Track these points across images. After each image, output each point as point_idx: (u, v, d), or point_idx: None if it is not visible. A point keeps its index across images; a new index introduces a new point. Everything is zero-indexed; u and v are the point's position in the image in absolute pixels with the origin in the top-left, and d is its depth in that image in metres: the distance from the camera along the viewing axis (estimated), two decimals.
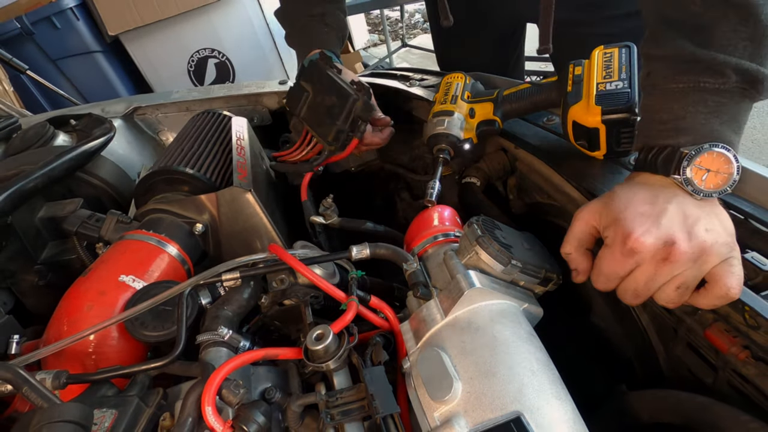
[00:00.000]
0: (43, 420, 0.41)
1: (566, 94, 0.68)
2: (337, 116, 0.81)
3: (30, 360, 0.56)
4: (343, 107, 0.81)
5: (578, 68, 0.70)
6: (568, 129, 0.69)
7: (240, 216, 0.78)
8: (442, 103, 0.77)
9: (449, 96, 0.77)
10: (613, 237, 0.50)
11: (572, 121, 0.67)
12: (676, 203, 0.48)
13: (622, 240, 0.48)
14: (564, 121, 0.69)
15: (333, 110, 0.82)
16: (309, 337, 0.52)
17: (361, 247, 0.65)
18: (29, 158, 0.90)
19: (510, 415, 0.42)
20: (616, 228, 0.49)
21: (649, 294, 0.49)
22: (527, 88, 0.76)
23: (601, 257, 0.52)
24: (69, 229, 0.80)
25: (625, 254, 0.48)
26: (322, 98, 0.84)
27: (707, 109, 0.51)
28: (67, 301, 0.65)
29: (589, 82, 0.67)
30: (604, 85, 0.65)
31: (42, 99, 2.45)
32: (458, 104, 0.76)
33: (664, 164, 0.52)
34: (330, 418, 0.48)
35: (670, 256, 0.46)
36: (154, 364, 0.54)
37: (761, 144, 2.42)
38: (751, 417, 0.46)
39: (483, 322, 0.51)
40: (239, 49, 2.44)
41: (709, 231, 0.46)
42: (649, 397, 0.57)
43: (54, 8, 2.25)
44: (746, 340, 0.48)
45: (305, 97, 0.86)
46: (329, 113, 0.83)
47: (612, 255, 0.50)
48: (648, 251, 0.47)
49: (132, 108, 1.24)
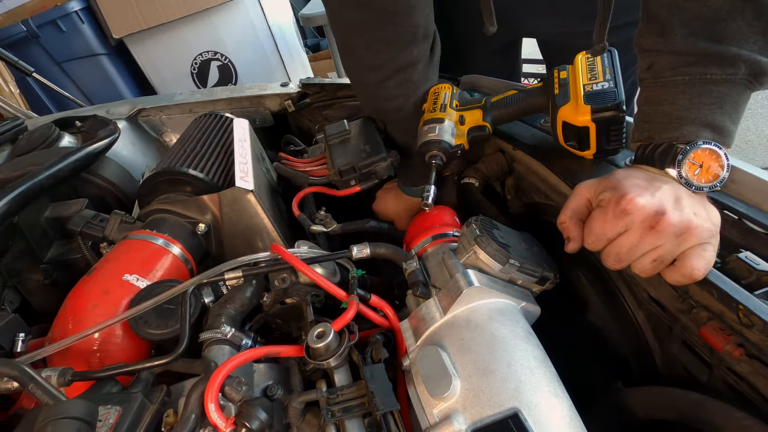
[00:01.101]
0: (48, 416, 0.41)
1: (554, 97, 0.69)
2: (359, 159, 0.85)
3: (36, 357, 0.56)
4: (370, 156, 0.84)
5: (563, 72, 0.71)
6: (557, 130, 0.69)
7: (242, 216, 0.78)
8: (431, 111, 0.77)
9: (438, 105, 0.77)
10: (609, 199, 0.51)
11: (562, 121, 0.67)
12: (671, 186, 0.50)
13: (616, 200, 0.50)
14: (553, 123, 0.69)
15: (360, 154, 0.86)
16: (310, 335, 0.52)
17: (362, 247, 0.66)
18: (35, 159, 0.90)
19: (508, 412, 0.42)
20: (613, 192, 0.51)
21: (630, 261, 0.51)
22: (514, 94, 0.77)
23: (594, 217, 0.53)
24: (74, 229, 0.80)
25: (617, 215, 0.50)
26: (358, 142, 0.88)
27: (711, 100, 0.52)
28: (72, 299, 0.65)
29: (576, 83, 0.68)
30: (591, 86, 0.66)
31: (47, 101, 2.45)
32: (447, 112, 0.76)
33: (660, 158, 0.53)
34: (331, 414, 0.48)
35: (657, 224, 0.48)
36: (158, 362, 0.54)
37: (755, 145, 2.42)
38: (744, 414, 0.46)
39: (481, 321, 0.51)
40: (242, 52, 2.43)
41: (696, 215, 0.48)
42: (644, 394, 0.57)
43: (59, 12, 2.24)
44: (740, 338, 0.47)
45: (344, 133, 0.90)
46: (355, 153, 0.86)
47: (604, 215, 0.51)
48: (639, 214, 0.48)
49: (136, 110, 1.24)
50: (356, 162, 0.84)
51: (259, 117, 1.22)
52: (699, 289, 0.51)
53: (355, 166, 0.84)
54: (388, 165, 0.85)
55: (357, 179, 0.86)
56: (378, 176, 0.86)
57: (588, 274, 0.71)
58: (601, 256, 0.54)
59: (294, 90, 1.21)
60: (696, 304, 0.52)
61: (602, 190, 0.53)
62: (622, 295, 0.65)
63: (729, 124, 0.52)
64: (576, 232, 0.56)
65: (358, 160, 0.84)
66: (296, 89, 1.21)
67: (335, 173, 0.85)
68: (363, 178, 0.86)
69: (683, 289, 0.53)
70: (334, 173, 0.86)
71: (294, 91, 1.20)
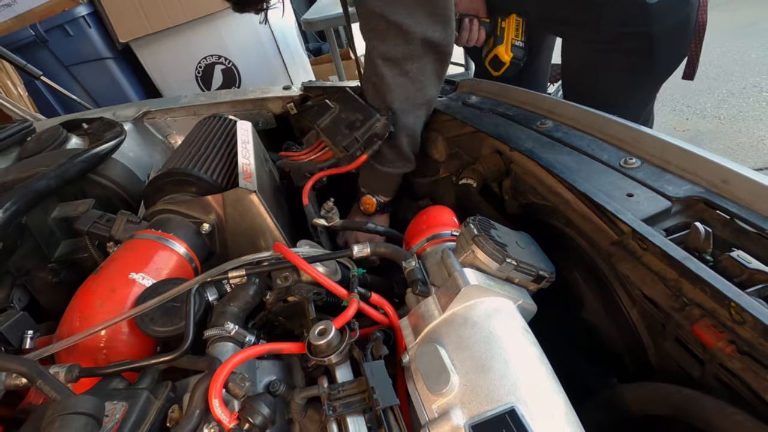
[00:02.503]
0: (56, 412, 0.41)
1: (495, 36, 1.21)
2: (357, 129, 0.85)
3: (44, 354, 0.56)
4: (365, 122, 0.85)
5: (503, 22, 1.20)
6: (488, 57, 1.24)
7: (245, 216, 0.78)
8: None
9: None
10: None
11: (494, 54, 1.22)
12: None
13: None
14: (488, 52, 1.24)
15: (355, 124, 0.86)
16: (312, 332, 0.52)
17: (362, 246, 0.65)
18: (43, 160, 0.90)
19: (505, 407, 0.42)
20: None
21: None
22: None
23: None
24: (81, 229, 0.80)
25: None
26: (347, 114, 0.89)
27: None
28: (79, 297, 0.65)
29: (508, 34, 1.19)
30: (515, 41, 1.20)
31: (55, 103, 2.45)
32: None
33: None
34: (332, 410, 0.48)
35: None
36: (163, 359, 0.54)
37: (746, 147, 2.42)
38: (736, 409, 0.46)
39: (479, 318, 0.51)
40: (245, 56, 2.44)
41: None
42: (638, 390, 0.56)
43: (67, 16, 2.25)
44: (732, 335, 0.47)
45: (330, 112, 0.91)
46: (350, 126, 0.87)
47: None
48: None
49: (142, 112, 1.24)
50: (355, 133, 0.84)
51: (261, 119, 1.22)
52: (692, 287, 0.51)
53: (356, 136, 0.84)
54: (384, 123, 0.85)
55: (362, 148, 0.87)
56: (379, 137, 0.86)
57: (583, 272, 0.71)
58: None
59: (296, 93, 1.21)
60: (689, 301, 0.52)
61: None
62: (617, 294, 0.65)
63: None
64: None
65: (355, 130, 0.85)
66: (298, 92, 1.21)
67: (340, 150, 0.85)
68: (367, 144, 0.87)
69: (677, 287, 0.53)
70: (339, 150, 0.86)
71: (296, 93, 1.21)
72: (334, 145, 0.86)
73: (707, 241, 0.53)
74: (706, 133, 2.58)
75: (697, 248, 0.54)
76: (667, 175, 0.62)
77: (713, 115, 2.70)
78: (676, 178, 0.61)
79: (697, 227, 0.54)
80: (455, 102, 0.96)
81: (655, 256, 0.54)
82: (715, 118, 2.68)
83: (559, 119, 0.81)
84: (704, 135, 2.56)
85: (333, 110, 0.90)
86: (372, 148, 0.86)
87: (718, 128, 2.61)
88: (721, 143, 2.49)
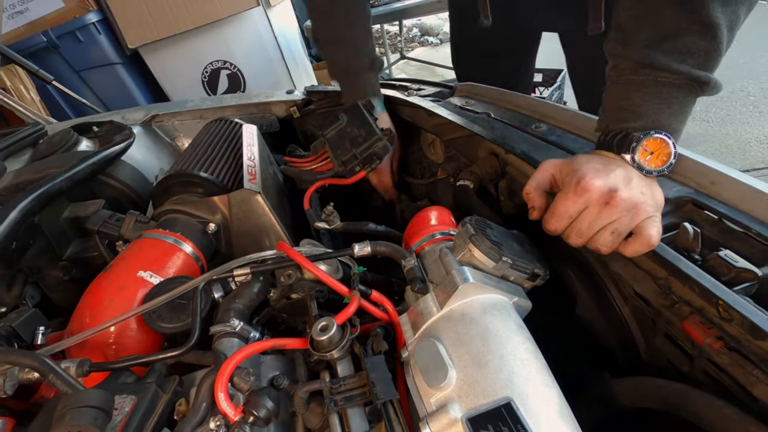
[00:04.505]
0: (67, 405, 0.42)
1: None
2: (358, 145, 0.85)
3: (55, 350, 0.56)
4: (366, 141, 0.85)
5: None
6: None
7: (250, 216, 0.78)
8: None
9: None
10: (569, 182, 0.55)
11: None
12: (623, 169, 0.55)
13: (576, 182, 0.54)
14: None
15: (357, 140, 0.86)
16: (314, 328, 0.52)
17: (363, 245, 0.65)
18: (54, 162, 0.90)
19: (501, 401, 0.42)
20: (573, 175, 0.55)
21: (591, 234, 0.55)
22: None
23: (557, 199, 0.57)
24: (91, 228, 0.80)
25: (577, 194, 0.54)
26: (352, 129, 0.89)
27: (660, 99, 0.56)
28: (89, 295, 0.65)
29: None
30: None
31: (66, 107, 2.44)
32: None
33: (619, 144, 0.57)
34: (334, 403, 0.48)
35: (611, 200, 0.52)
36: (171, 354, 0.54)
37: (734, 150, 2.42)
38: (724, 402, 0.46)
39: (476, 315, 0.51)
40: (250, 61, 2.44)
41: (643, 193, 0.53)
42: (630, 384, 0.57)
43: (78, 23, 2.24)
44: (720, 331, 0.48)
45: (337, 124, 0.90)
46: (352, 141, 0.87)
47: (566, 196, 0.55)
48: (595, 191, 0.53)
49: (150, 116, 1.24)
50: (355, 149, 0.84)
51: (266, 122, 1.22)
52: (681, 285, 0.51)
53: (355, 153, 0.84)
54: (384, 144, 0.85)
55: (360, 164, 0.87)
56: (378, 156, 0.86)
57: (577, 271, 0.71)
58: (565, 234, 0.57)
59: (299, 97, 1.21)
60: (678, 299, 0.52)
61: (565, 174, 0.57)
62: (609, 291, 0.65)
63: (676, 123, 0.57)
64: (539, 202, 0.61)
65: (356, 147, 0.85)
66: (301, 96, 1.21)
67: (339, 164, 0.86)
68: (366, 162, 0.87)
69: (667, 285, 0.53)
70: (338, 165, 0.86)
71: (299, 97, 1.20)
72: (335, 158, 0.86)
73: (696, 240, 0.53)
74: (695, 135, 2.58)
75: (686, 248, 0.54)
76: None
77: (702, 118, 2.70)
78: (665, 180, 0.61)
79: (686, 227, 0.54)
80: (453, 106, 0.96)
81: (645, 255, 0.54)
82: (704, 121, 2.68)
83: (553, 123, 0.81)
84: (693, 138, 2.56)
85: (341, 122, 0.90)
86: (371, 166, 0.86)
87: (707, 131, 2.61)
88: (709, 146, 2.49)
